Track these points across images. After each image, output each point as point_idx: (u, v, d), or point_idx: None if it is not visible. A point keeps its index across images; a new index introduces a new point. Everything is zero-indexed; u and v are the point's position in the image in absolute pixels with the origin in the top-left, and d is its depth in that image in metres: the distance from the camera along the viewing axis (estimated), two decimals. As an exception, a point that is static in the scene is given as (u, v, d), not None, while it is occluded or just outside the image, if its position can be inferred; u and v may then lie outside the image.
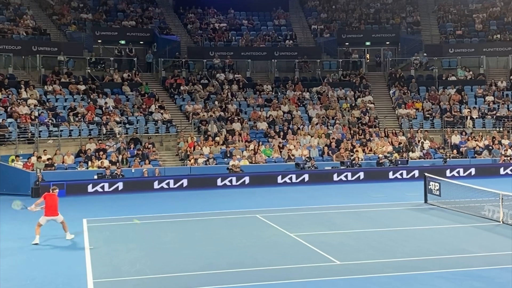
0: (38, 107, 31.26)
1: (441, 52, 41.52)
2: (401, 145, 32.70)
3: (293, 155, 31.01)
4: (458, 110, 36.39)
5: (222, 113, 34.49)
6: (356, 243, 15.86)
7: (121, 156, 29.07)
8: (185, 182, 27.38)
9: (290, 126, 33.84)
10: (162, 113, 33.63)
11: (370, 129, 34.28)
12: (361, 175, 29.24)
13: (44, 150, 28.26)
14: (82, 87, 34.49)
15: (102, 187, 26.31)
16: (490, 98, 37.27)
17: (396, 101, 37.56)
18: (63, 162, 28.18)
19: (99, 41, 39.92)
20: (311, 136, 32.95)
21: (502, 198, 18.16)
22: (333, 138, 32.55)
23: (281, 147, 31.66)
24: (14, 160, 27.14)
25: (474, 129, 34.98)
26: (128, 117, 32.85)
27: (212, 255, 14.63)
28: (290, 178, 28.61)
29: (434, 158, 31.95)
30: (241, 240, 16.44)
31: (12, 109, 30.25)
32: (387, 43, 43.49)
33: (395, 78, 39.53)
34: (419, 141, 33.25)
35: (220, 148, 31.11)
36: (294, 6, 47.23)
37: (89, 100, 33.41)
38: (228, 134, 32.45)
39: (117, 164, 28.16)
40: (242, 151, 30.80)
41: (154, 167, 28.55)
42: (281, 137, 32.64)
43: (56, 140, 29.78)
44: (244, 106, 36.05)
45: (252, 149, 31.00)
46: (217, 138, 31.84)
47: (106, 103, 33.38)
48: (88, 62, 37.07)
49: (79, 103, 32.59)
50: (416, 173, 28.98)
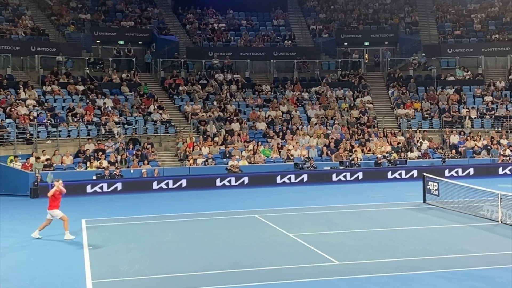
0: (37, 108, 31.22)
1: (440, 52, 41.55)
2: (400, 145, 32.72)
3: (292, 155, 31.02)
4: (457, 110, 36.42)
5: (221, 113, 34.49)
6: (355, 243, 15.87)
7: (120, 157, 29.06)
8: (184, 183, 27.37)
9: (289, 126, 33.85)
10: (161, 114, 33.63)
11: (369, 129, 34.30)
12: (360, 175, 29.27)
13: (43, 151, 28.26)
14: (81, 88, 34.47)
15: (101, 188, 26.28)
16: (489, 98, 37.29)
17: (395, 101, 37.59)
18: (62, 163, 28.17)
19: (98, 42, 39.88)
20: (310, 136, 32.96)
21: (501, 198, 18.17)
22: (332, 138, 32.58)
23: (280, 147, 31.67)
24: (13, 161, 27.12)
25: (473, 129, 35.01)
26: (127, 118, 32.84)
27: (211, 255, 14.63)
28: (289, 178, 28.61)
29: (433, 158, 31.97)
30: (240, 240, 16.44)
31: (11, 110, 30.22)
32: (386, 43, 43.51)
33: (394, 78, 39.56)
34: (418, 141, 33.27)
35: (219, 148, 31.11)
36: (293, 7, 47.25)
37: (88, 101, 33.39)
38: (227, 134, 32.46)
39: (116, 165, 28.15)
40: (241, 151, 30.80)
41: (153, 168, 28.55)
42: (280, 137, 32.65)
43: (55, 141, 29.77)
44: (243, 106, 36.05)
45: (251, 149, 31.01)
46: (216, 138, 31.84)
47: (105, 104, 33.37)
48: (87, 63, 37.05)
49: (78, 104, 32.57)
50: (415, 173, 28.99)
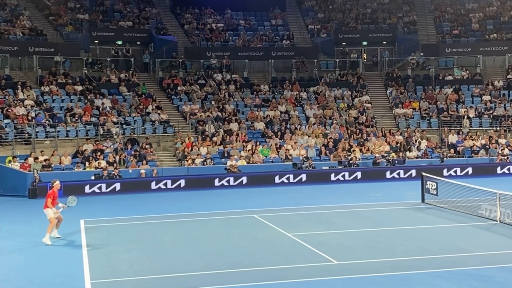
0: (35, 108, 31.19)
1: (438, 52, 41.57)
2: (398, 145, 32.75)
3: (291, 155, 31.03)
4: (455, 110, 36.45)
5: (220, 113, 34.48)
6: (354, 243, 15.88)
7: (119, 157, 29.05)
8: (183, 183, 27.37)
9: (288, 126, 33.85)
10: (159, 114, 33.61)
11: (367, 129, 34.31)
12: (359, 175, 29.28)
13: (41, 151, 28.25)
14: (79, 88, 34.44)
15: (100, 188, 26.28)
16: (487, 98, 37.32)
17: (393, 101, 37.62)
18: (60, 163, 28.15)
19: (96, 42, 39.83)
20: (309, 136, 32.96)
21: (499, 198, 18.19)
22: (331, 138, 32.58)
23: (279, 147, 31.67)
24: (11, 161, 27.10)
25: (471, 129, 35.03)
26: (125, 118, 32.82)
27: (210, 255, 14.63)
28: (288, 178, 28.61)
29: (431, 158, 32.00)
30: (239, 240, 16.45)
31: (9, 110, 30.19)
32: (384, 43, 43.50)
33: (392, 78, 39.57)
34: (416, 141, 33.30)
35: (218, 148, 31.11)
36: (291, 6, 47.24)
37: (86, 101, 33.36)
38: (226, 134, 32.45)
39: (115, 165, 28.15)
40: (240, 151, 30.80)
41: (152, 168, 28.55)
42: (279, 137, 32.65)
43: (53, 141, 29.76)
44: (242, 106, 36.04)
45: (250, 149, 31.01)
46: (215, 138, 31.83)
47: (103, 104, 33.35)
48: (85, 63, 36.98)
49: (76, 104, 32.55)
50: (413, 173, 29.03)
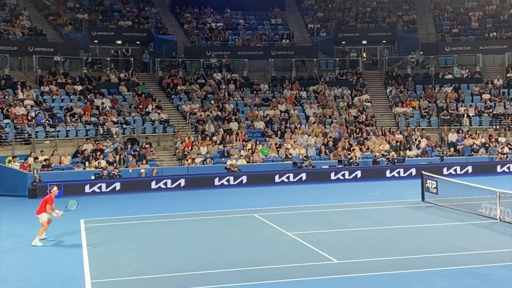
0: (35, 108, 31.19)
1: (438, 50, 41.56)
2: (398, 144, 32.75)
3: (291, 154, 31.03)
4: (455, 108, 36.46)
5: (219, 113, 34.47)
6: (354, 242, 15.88)
7: (119, 156, 29.05)
8: (183, 182, 27.37)
9: (287, 125, 33.84)
10: (159, 113, 33.60)
11: (367, 128, 34.29)
12: (359, 174, 29.29)
13: (41, 151, 28.25)
14: (79, 88, 34.44)
15: (100, 188, 26.28)
16: (487, 96, 37.31)
17: (393, 100, 37.61)
18: (60, 163, 28.15)
19: (96, 41, 39.85)
20: (308, 135, 32.96)
21: (499, 196, 18.19)
22: (330, 137, 32.58)
23: (279, 146, 31.67)
24: (11, 161, 27.10)
25: (471, 127, 35.03)
26: (125, 117, 32.82)
27: (210, 255, 14.63)
28: (288, 177, 28.61)
29: (431, 156, 32.00)
30: (239, 240, 16.45)
31: (9, 110, 30.18)
32: (384, 42, 43.51)
33: (392, 77, 39.57)
34: (416, 139, 33.30)
35: (218, 148, 31.10)
36: (291, 5, 47.23)
37: (86, 101, 33.36)
38: (226, 134, 32.45)
39: (115, 165, 28.14)
40: (240, 151, 30.80)
41: (152, 167, 28.54)
42: (279, 136, 32.64)
43: (53, 141, 29.76)
44: (241, 106, 36.04)
45: (250, 149, 31.01)
46: (215, 138, 31.83)
47: (103, 103, 33.35)
48: (85, 63, 37.00)
49: (76, 104, 32.54)
50: (413, 171, 29.04)
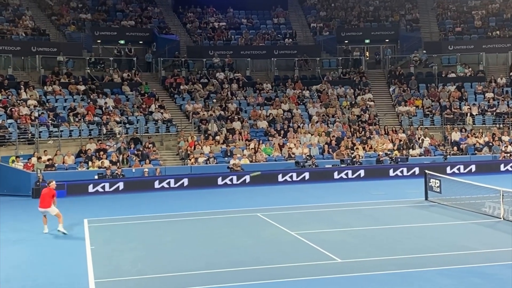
0: (38, 108, 31.23)
1: (441, 49, 41.49)
2: (401, 143, 32.69)
3: (294, 154, 31.02)
4: (458, 107, 36.40)
5: (222, 112, 34.49)
6: (357, 241, 15.87)
7: (122, 156, 29.08)
8: (186, 182, 27.38)
9: (290, 125, 33.84)
10: (162, 113, 33.63)
11: (370, 127, 34.28)
12: (362, 173, 29.26)
13: (45, 151, 28.25)
14: (82, 87, 34.49)
15: (103, 187, 26.31)
16: (490, 95, 37.25)
17: (396, 99, 37.56)
18: (64, 163, 28.18)
19: (99, 41, 39.92)
20: (311, 134, 32.95)
21: (503, 195, 18.16)
22: (333, 136, 32.57)
23: (282, 146, 31.66)
24: (15, 161, 27.14)
25: (474, 126, 34.98)
26: (128, 117, 32.86)
27: (213, 254, 14.64)
28: (291, 177, 28.61)
29: (434, 155, 31.97)
30: (242, 239, 16.46)
31: (12, 110, 30.24)
32: (387, 41, 43.47)
33: (395, 76, 39.53)
34: (419, 138, 33.26)
35: (221, 147, 31.12)
36: (293, 5, 47.23)
37: (89, 100, 33.42)
38: (229, 133, 32.46)
39: (118, 164, 28.17)
40: (243, 150, 30.80)
41: (155, 167, 28.57)
42: (281, 136, 32.65)
43: (56, 141, 29.79)
44: (244, 105, 36.05)
45: (253, 148, 31.01)
46: (218, 137, 31.84)
47: (106, 103, 33.39)
48: (88, 62, 37.07)
49: (79, 103, 32.59)
50: (417, 170, 28.99)
